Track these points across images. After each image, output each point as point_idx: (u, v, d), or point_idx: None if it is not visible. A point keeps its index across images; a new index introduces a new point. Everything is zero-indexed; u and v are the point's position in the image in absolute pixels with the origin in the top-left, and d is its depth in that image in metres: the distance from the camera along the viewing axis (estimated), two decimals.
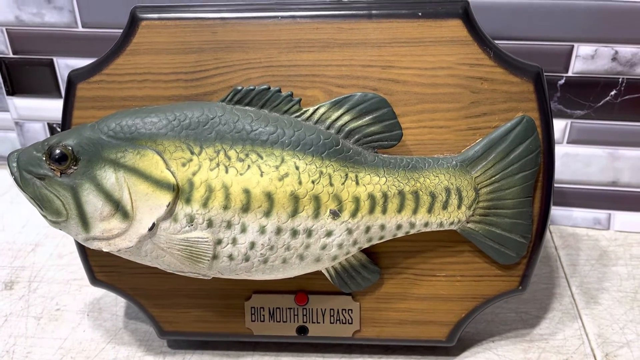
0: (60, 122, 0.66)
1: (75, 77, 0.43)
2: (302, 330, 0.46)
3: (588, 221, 0.63)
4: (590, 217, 0.63)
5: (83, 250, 0.46)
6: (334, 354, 0.48)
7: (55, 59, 0.65)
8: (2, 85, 0.67)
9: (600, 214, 0.63)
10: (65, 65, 0.65)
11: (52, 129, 0.69)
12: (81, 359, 0.48)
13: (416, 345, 0.47)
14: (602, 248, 0.60)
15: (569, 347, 0.49)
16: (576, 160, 0.61)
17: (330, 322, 0.46)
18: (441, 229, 0.42)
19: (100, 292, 0.55)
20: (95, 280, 0.47)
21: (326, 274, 0.42)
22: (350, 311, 0.46)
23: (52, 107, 0.68)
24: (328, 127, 0.39)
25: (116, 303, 0.54)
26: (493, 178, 0.41)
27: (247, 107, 0.39)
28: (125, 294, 0.47)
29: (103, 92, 0.43)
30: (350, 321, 0.46)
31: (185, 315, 0.47)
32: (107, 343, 0.50)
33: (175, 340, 0.50)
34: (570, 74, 0.57)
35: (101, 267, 0.46)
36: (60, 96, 0.67)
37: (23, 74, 0.66)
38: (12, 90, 0.67)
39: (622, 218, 0.63)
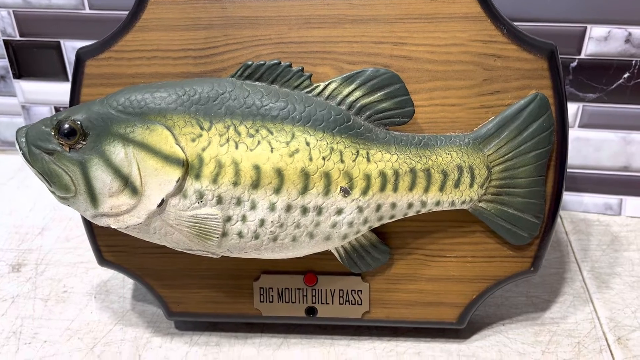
0: (67, 106, 0.66)
1: (83, 55, 0.43)
2: (311, 311, 0.46)
3: (599, 206, 0.63)
4: (602, 202, 0.63)
5: (91, 230, 0.46)
6: (343, 336, 0.48)
7: (62, 42, 0.65)
8: (9, 68, 0.67)
9: (612, 199, 0.62)
10: (72, 48, 0.65)
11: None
12: (89, 340, 0.48)
13: (426, 327, 0.47)
14: (614, 233, 0.60)
15: (580, 331, 0.48)
16: (588, 144, 0.60)
17: (340, 303, 0.46)
18: (452, 208, 0.41)
19: (107, 274, 0.55)
20: (103, 260, 0.47)
21: (336, 254, 0.42)
22: (359, 292, 0.45)
23: (59, 91, 0.67)
24: (339, 103, 0.39)
25: (123, 285, 0.54)
26: (506, 156, 0.41)
27: (257, 83, 0.39)
28: (133, 274, 0.47)
29: (111, 69, 0.42)
30: (359, 302, 0.46)
31: (193, 296, 0.47)
32: (114, 324, 0.50)
33: (183, 321, 0.49)
34: (582, 56, 0.57)
35: (109, 247, 0.46)
36: (67, 79, 0.66)
37: (30, 56, 0.66)
38: (19, 74, 0.67)
39: (633, 203, 0.62)
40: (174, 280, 0.47)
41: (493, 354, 0.46)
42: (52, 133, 0.37)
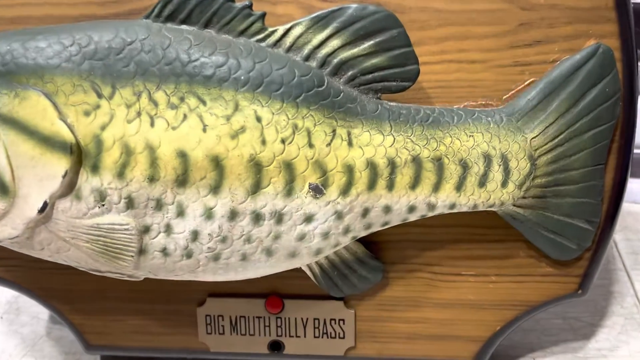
0: None
1: None
2: (275, 346, 0.40)
3: None
4: None
5: None
6: None
7: None
8: None
9: None
10: None
11: None
12: None
13: None
14: None
15: None
16: None
17: (315, 336, 0.40)
18: (474, 211, 0.34)
19: None
20: None
21: (308, 272, 0.36)
22: (341, 322, 0.40)
23: None
24: (307, 58, 0.32)
25: None
26: (556, 140, 0.34)
27: (183, 26, 0.31)
28: (34, 295, 0.41)
29: None
30: (341, 335, 0.40)
31: (118, 325, 0.41)
32: (21, 356, 0.43)
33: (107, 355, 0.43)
34: None
35: (1, 260, 0.39)
36: None
37: None
38: None
39: None
40: (91, 304, 0.41)
41: None
42: None
